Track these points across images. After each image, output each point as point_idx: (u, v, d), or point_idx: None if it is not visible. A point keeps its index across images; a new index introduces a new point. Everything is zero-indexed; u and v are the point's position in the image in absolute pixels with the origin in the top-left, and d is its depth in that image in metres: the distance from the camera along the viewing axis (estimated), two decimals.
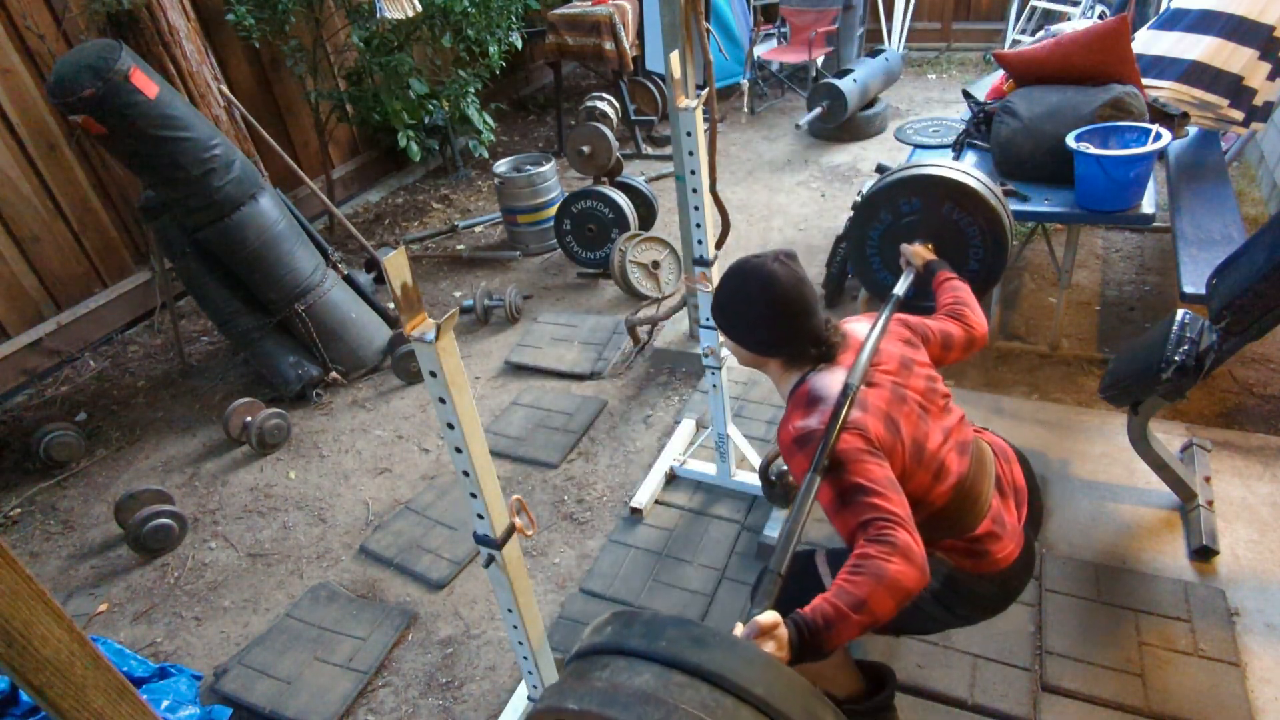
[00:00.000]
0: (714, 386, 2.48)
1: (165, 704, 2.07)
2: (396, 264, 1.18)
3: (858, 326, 1.64)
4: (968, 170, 2.27)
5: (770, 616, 1.16)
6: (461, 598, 2.52)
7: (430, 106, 4.93)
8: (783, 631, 1.16)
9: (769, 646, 1.14)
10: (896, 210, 2.36)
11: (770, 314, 1.52)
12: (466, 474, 1.45)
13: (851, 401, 1.42)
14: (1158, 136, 2.60)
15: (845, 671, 1.83)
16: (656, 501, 2.76)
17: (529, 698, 1.95)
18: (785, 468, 2.54)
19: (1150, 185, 2.75)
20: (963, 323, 1.79)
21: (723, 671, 0.94)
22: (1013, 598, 1.72)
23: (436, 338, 1.23)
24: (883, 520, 1.27)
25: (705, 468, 2.77)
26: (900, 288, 1.94)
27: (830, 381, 1.48)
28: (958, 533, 1.58)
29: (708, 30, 2.39)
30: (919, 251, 2.06)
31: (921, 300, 2.02)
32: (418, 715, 2.19)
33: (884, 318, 1.66)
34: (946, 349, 1.75)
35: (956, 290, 1.89)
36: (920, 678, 2.07)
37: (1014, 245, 2.28)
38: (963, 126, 3.46)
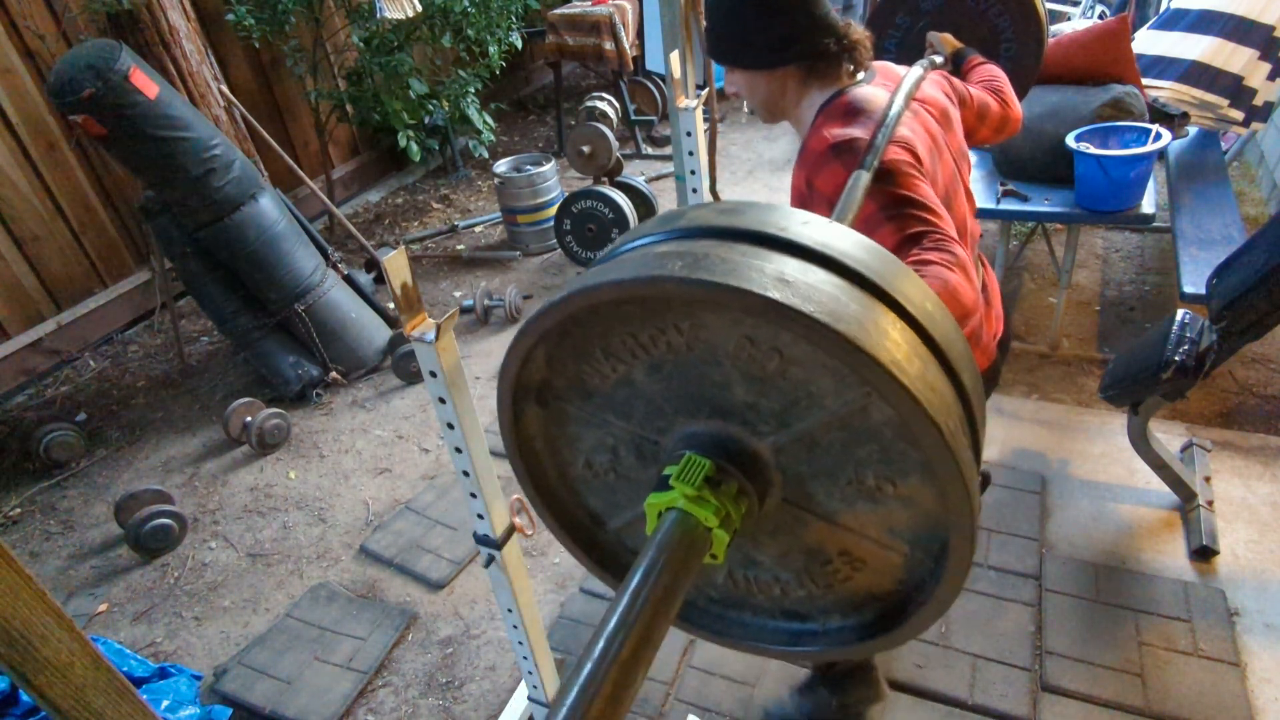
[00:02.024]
0: None
1: (165, 704, 2.07)
2: (396, 264, 1.18)
3: (892, 64, 1.48)
4: None
5: None
6: (461, 598, 2.52)
7: (430, 106, 4.93)
8: None
9: None
10: (915, 9, 2.08)
11: (771, 2, 1.33)
12: (466, 474, 1.45)
13: (899, 119, 1.24)
14: (1158, 136, 2.60)
15: None
16: None
17: (529, 698, 1.95)
18: None
19: (1150, 185, 2.75)
20: (1000, 98, 1.64)
21: (833, 251, 0.70)
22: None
23: (436, 338, 1.23)
24: (938, 233, 1.13)
25: None
26: (937, 59, 1.74)
27: (874, 95, 1.31)
28: None
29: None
30: (947, 39, 1.86)
31: None
32: (418, 715, 2.19)
33: (924, 65, 1.48)
34: (981, 120, 1.61)
35: (993, 71, 1.73)
36: (920, 678, 2.07)
37: (1048, 41, 2.04)
38: None
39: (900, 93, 1.29)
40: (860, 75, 1.41)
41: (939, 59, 1.76)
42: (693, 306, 0.71)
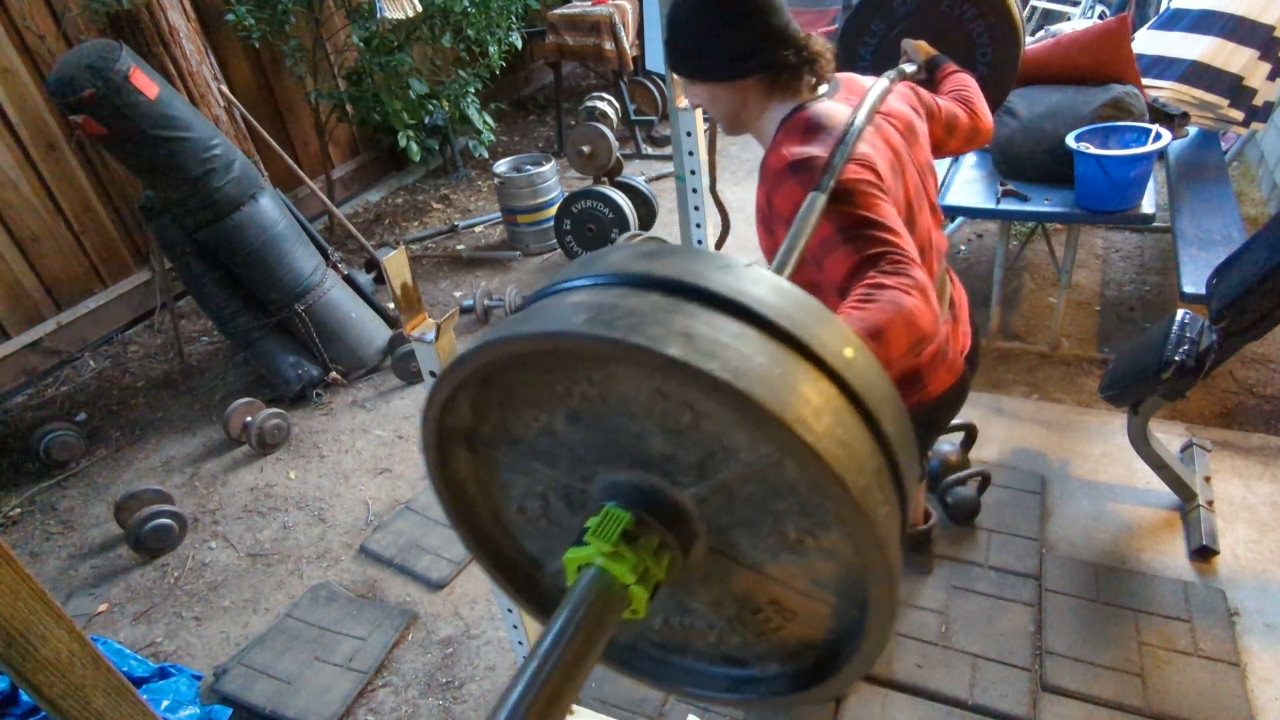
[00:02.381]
0: None
1: (165, 704, 2.07)
2: (396, 264, 1.18)
3: (858, 76, 1.46)
4: None
5: None
6: (461, 598, 2.52)
7: (430, 106, 4.93)
8: None
9: None
10: (891, 15, 2.05)
11: (730, 13, 1.30)
12: None
13: (860, 135, 1.22)
14: (1158, 136, 2.60)
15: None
16: None
17: None
18: None
19: (1150, 185, 2.75)
20: (969, 109, 1.62)
21: (745, 299, 0.67)
22: (937, 431, 1.64)
23: (436, 338, 1.23)
24: (897, 255, 1.09)
25: None
26: (906, 66, 1.73)
27: (834, 110, 1.29)
28: None
29: None
30: (922, 46, 1.84)
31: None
32: (418, 715, 2.19)
33: (890, 77, 1.46)
34: (950, 132, 1.59)
35: (964, 80, 1.71)
36: (920, 678, 2.07)
37: (1024, 46, 2.01)
38: None
39: (863, 107, 1.27)
40: (823, 88, 1.39)
41: (910, 67, 1.75)
42: (601, 360, 0.70)
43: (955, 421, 2.56)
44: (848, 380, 0.67)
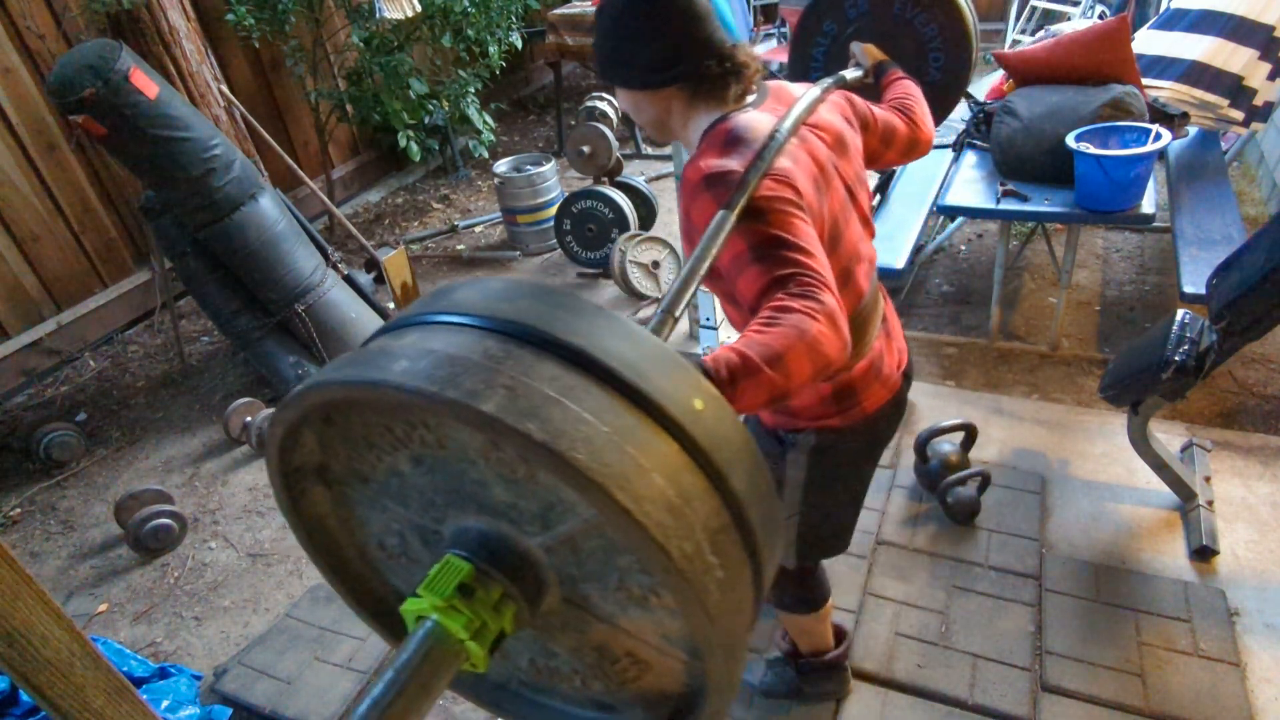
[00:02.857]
0: None
1: (165, 704, 2.07)
2: (396, 264, 1.18)
3: (791, 85, 1.43)
4: None
5: None
6: None
7: (430, 106, 4.93)
8: None
9: None
10: (842, 16, 2.01)
11: (651, 21, 1.27)
12: None
13: (781, 149, 1.19)
14: (1158, 136, 2.60)
15: (827, 628, 1.94)
16: None
17: None
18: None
19: (1150, 185, 2.75)
20: (908, 118, 1.58)
21: (586, 346, 0.64)
22: (881, 445, 1.63)
23: None
24: (807, 277, 1.05)
25: None
26: (848, 73, 1.70)
27: (756, 122, 1.25)
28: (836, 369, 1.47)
29: None
30: (871, 50, 1.81)
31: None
32: None
33: (825, 85, 1.43)
34: (886, 143, 1.55)
35: (907, 88, 1.68)
36: (920, 678, 2.07)
37: (978, 48, 1.98)
38: (963, 126, 3.46)
39: (787, 119, 1.24)
40: (750, 97, 1.36)
41: (852, 73, 1.73)
42: (421, 410, 0.67)
43: (955, 421, 2.56)
44: (693, 435, 0.64)
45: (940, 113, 2.00)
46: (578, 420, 0.59)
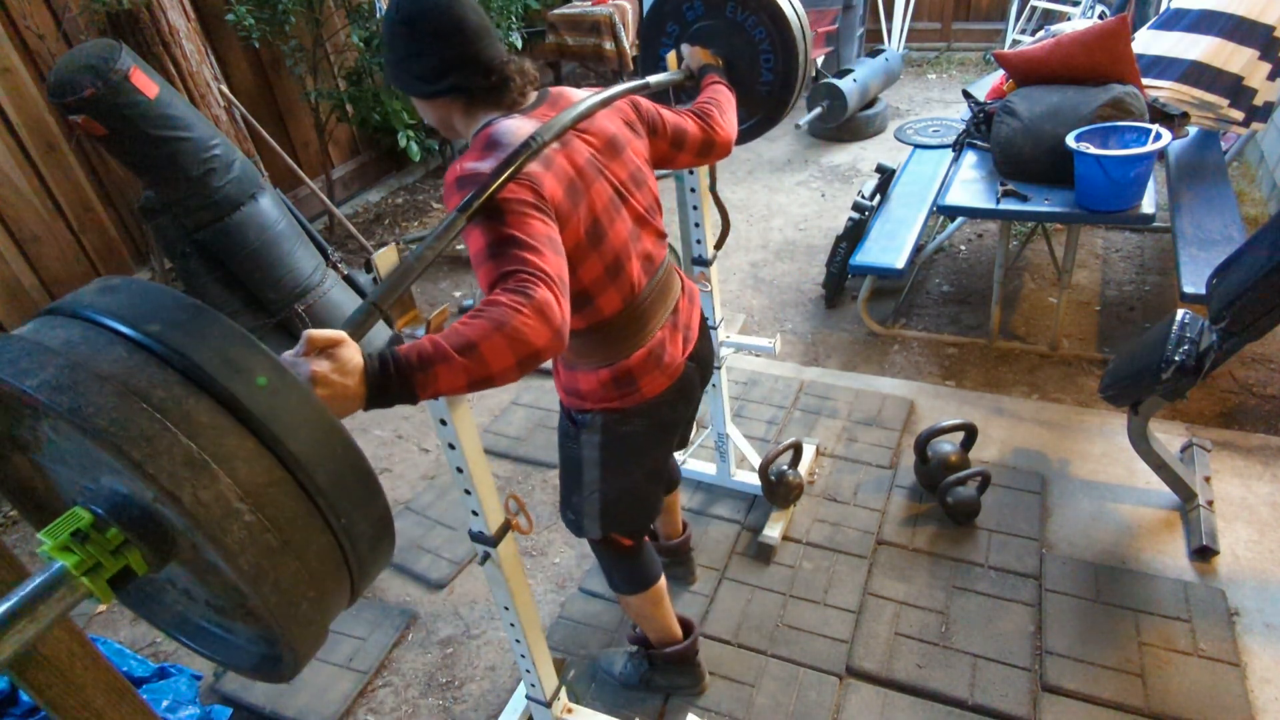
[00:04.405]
0: (713, 386, 2.48)
1: (165, 704, 2.07)
2: (387, 260, 1.19)
3: (573, 91, 1.51)
4: None
5: (330, 332, 0.97)
6: (461, 598, 2.52)
7: None
8: (347, 353, 0.96)
9: (322, 365, 0.94)
10: (682, 18, 2.06)
11: (418, 40, 1.36)
12: (460, 470, 1.46)
13: (533, 154, 1.27)
14: (1158, 136, 2.60)
15: (667, 615, 2.00)
16: None
17: (527, 696, 1.95)
18: (785, 467, 2.54)
19: (1150, 185, 2.75)
20: (704, 122, 1.69)
21: (201, 361, 0.73)
22: (669, 429, 1.72)
23: (427, 332, 1.24)
24: (526, 273, 1.13)
25: (705, 467, 2.77)
26: (656, 77, 1.78)
27: (517, 129, 1.34)
28: (613, 356, 1.54)
29: None
30: (698, 53, 1.93)
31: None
32: (418, 715, 2.19)
33: (613, 91, 1.52)
34: (677, 147, 1.65)
35: (715, 93, 1.79)
36: (920, 678, 2.07)
37: (808, 50, 2.04)
38: (963, 126, 3.46)
39: (548, 127, 1.32)
40: (529, 100, 1.45)
41: (662, 77, 1.83)
42: None
43: (955, 421, 2.56)
44: (246, 406, 0.74)
45: (776, 112, 2.12)
46: (116, 396, 0.69)
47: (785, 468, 2.54)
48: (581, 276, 1.40)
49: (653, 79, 1.75)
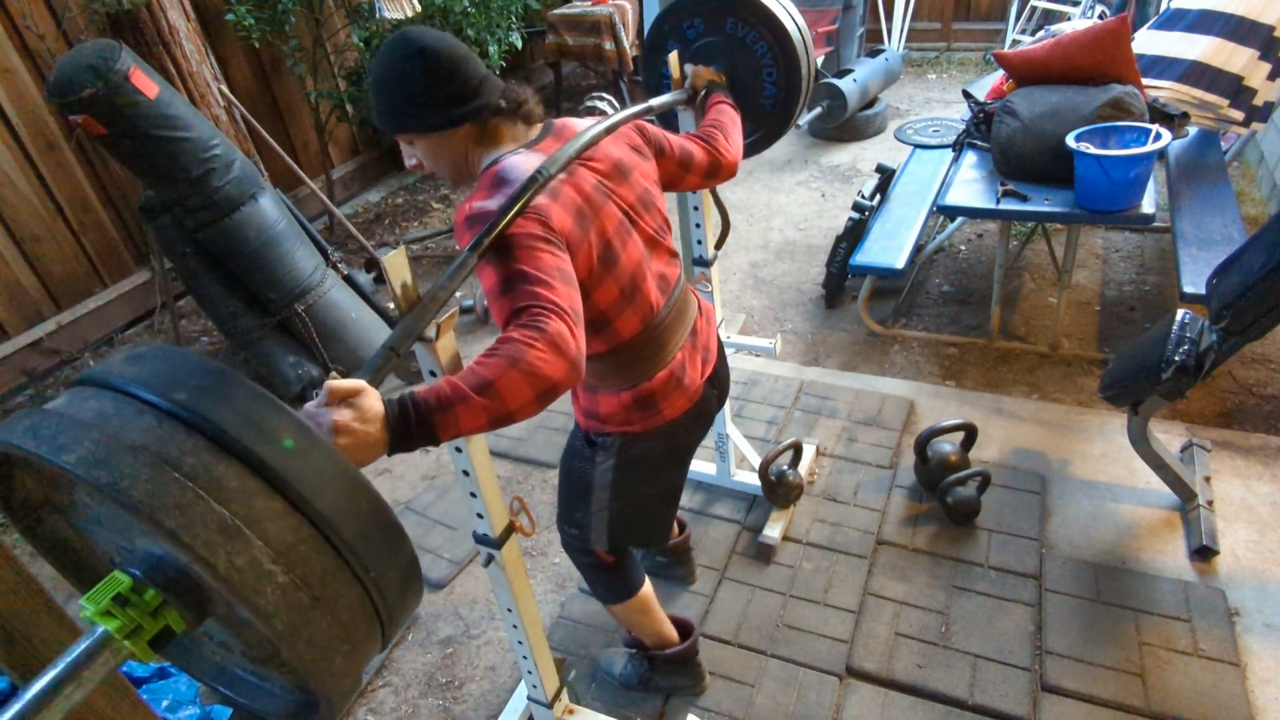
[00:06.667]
0: None
1: (165, 704, 2.07)
2: (396, 264, 1.18)
3: (575, 121, 1.52)
4: None
5: (351, 382, 0.97)
6: (461, 598, 2.52)
7: None
8: (368, 402, 0.97)
9: (344, 415, 0.94)
10: (684, 38, 2.07)
11: (435, 68, 1.34)
12: (466, 473, 1.45)
13: (540, 187, 1.28)
14: (1158, 136, 2.60)
15: (656, 620, 2.00)
16: None
17: (528, 697, 1.95)
18: (785, 467, 2.54)
19: (1150, 185, 2.75)
20: (709, 145, 1.70)
21: (228, 427, 0.76)
22: (684, 451, 1.73)
23: (436, 337, 1.23)
24: (539, 307, 1.14)
25: (705, 468, 2.77)
26: (659, 99, 1.79)
27: (525, 164, 1.34)
28: (635, 378, 1.53)
29: None
30: (701, 72, 1.93)
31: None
32: (418, 715, 2.19)
33: (618, 118, 1.52)
34: (684, 169, 1.66)
35: (720, 114, 1.80)
36: (920, 678, 2.07)
37: (810, 62, 2.03)
38: (963, 126, 3.46)
39: (554, 160, 1.32)
40: (534, 134, 1.45)
41: (666, 98, 1.82)
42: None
43: (955, 421, 2.56)
44: (273, 467, 0.75)
45: (780, 127, 2.11)
46: (148, 467, 0.71)
47: (785, 468, 2.54)
48: (598, 301, 1.40)
49: (655, 101, 1.75)
